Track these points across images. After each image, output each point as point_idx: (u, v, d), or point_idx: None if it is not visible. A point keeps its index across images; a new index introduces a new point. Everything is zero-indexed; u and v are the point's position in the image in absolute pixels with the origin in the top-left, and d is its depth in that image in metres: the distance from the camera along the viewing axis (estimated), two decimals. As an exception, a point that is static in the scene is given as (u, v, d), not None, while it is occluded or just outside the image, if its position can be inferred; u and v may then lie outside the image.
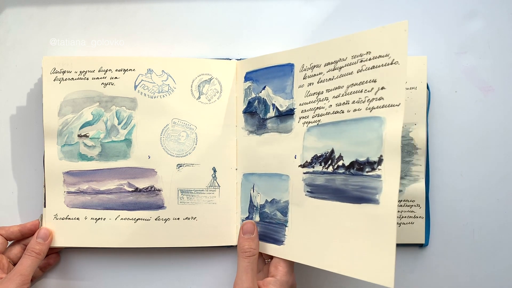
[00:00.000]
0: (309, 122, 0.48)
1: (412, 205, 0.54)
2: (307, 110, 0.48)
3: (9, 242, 0.53)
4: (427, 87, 0.54)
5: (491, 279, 0.55)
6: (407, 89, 0.53)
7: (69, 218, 0.53)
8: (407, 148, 0.54)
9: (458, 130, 0.55)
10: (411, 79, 0.53)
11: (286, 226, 0.50)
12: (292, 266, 0.49)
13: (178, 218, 0.52)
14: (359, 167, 0.43)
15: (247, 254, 0.47)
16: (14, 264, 0.52)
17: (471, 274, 0.55)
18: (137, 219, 0.52)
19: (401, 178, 0.53)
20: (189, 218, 0.53)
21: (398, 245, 0.53)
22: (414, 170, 0.54)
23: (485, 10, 0.56)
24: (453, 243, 0.55)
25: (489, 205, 0.55)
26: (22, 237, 0.53)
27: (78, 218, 0.52)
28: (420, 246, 0.55)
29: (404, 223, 0.54)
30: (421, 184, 0.54)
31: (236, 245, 0.53)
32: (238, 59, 0.55)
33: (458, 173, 0.55)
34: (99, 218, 0.52)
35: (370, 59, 0.43)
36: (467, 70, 0.56)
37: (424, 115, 0.53)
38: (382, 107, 0.42)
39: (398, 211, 0.53)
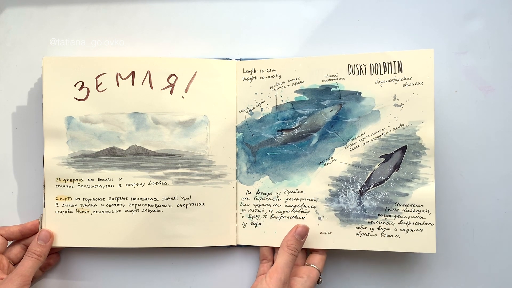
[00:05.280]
0: None
1: (420, 211, 0.51)
2: None
3: (9, 242, 0.53)
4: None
5: (491, 279, 0.55)
6: (411, 84, 0.51)
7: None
8: (414, 148, 0.51)
9: (458, 130, 0.55)
10: (416, 74, 0.51)
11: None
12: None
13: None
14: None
15: (293, 252, 0.49)
16: (14, 264, 0.52)
17: (471, 274, 0.55)
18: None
19: (408, 180, 0.51)
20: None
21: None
22: (422, 172, 0.51)
23: (485, 10, 0.56)
24: (453, 243, 0.55)
25: (489, 205, 0.55)
26: (22, 237, 0.53)
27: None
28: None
29: (411, 230, 0.51)
30: (431, 187, 0.50)
31: (236, 245, 0.54)
32: (238, 59, 0.55)
33: (458, 173, 0.55)
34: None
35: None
36: (467, 70, 0.56)
37: (431, 113, 0.51)
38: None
39: (404, 217, 0.51)
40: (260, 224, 0.54)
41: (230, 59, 0.55)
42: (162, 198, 0.53)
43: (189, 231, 0.53)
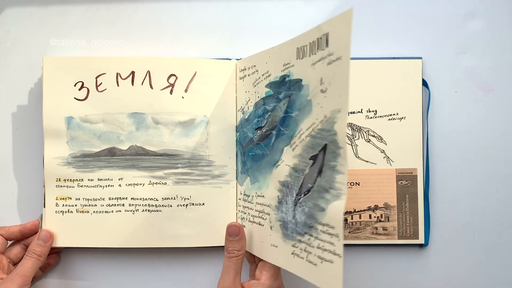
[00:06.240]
0: None
1: (332, 234, 0.36)
2: None
3: (9, 242, 0.53)
4: (427, 87, 0.54)
5: (491, 279, 0.55)
6: (333, 61, 0.38)
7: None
8: (332, 148, 0.37)
9: (458, 130, 0.55)
10: (337, 46, 0.38)
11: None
12: (278, 270, 0.47)
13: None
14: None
15: (231, 255, 0.47)
16: (14, 264, 0.52)
17: (471, 274, 0.55)
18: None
19: (326, 191, 0.38)
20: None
21: (397, 245, 0.54)
22: (337, 181, 0.36)
23: (485, 10, 0.56)
24: (453, 243, 0.55)
25: (489, 205, 0.55)
26: (22, 237, 0.53)
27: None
28: (420, 246, 0.54)
29: (325, 260, 0.37)
30: (341, 203, 0.36)
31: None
32: (238, 59, 0.55)
33: (458, 173, 0.55)
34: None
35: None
36: (467, 70, 0.56)
37: (346, 98, 0.36)
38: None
39: (321, 240, 0.38)
40: (244, 226, 0.51)
41: (229, 59, 0.55)
42: (162, 198, 0.53)
43: (189, 231, 0.53)
